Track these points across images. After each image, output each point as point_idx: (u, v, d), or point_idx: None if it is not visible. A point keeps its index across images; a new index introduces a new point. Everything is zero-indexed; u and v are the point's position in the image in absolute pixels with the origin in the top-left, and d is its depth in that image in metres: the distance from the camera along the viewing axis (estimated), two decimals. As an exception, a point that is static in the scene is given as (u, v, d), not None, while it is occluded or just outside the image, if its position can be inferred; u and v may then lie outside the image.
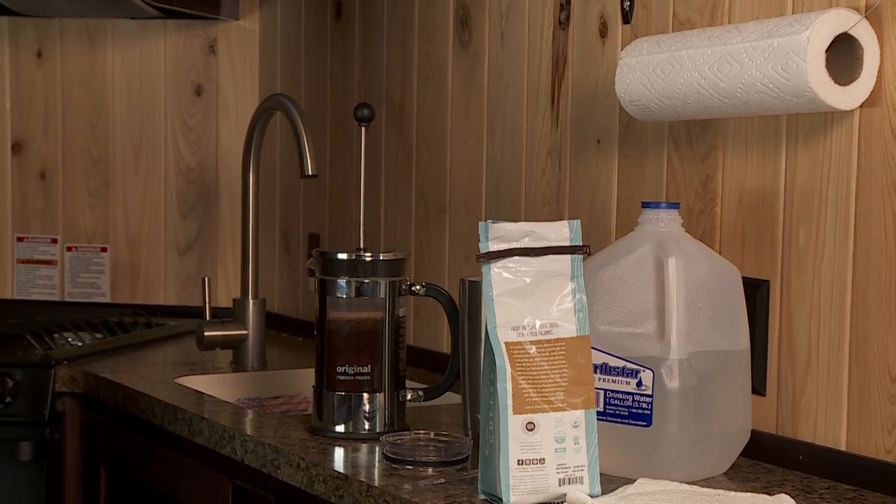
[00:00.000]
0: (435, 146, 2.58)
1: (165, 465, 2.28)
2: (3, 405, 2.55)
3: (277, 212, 3.14)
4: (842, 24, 1.67)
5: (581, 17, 2.20)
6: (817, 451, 1.77)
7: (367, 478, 1.74)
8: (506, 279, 1.61)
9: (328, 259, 2.01)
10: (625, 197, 2.11)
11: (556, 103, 2.26)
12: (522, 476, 1.58)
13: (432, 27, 2.58)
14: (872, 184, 1.71)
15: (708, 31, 1.82)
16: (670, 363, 1.68)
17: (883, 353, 1.69)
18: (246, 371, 2.62)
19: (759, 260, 1.87)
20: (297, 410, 2.32)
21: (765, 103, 1.73)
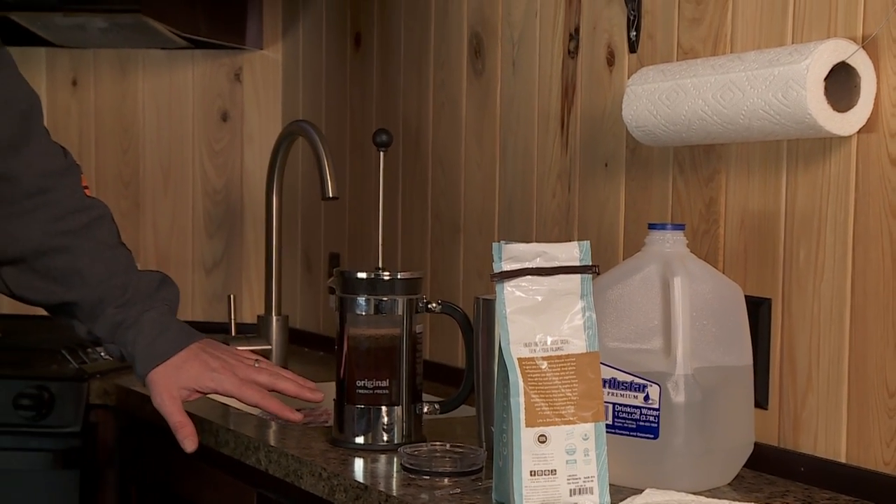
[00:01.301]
0: (449, 169, 2.58)
1: (193, 475, 2.28)
2: (39, 416, 2.55)
3: (299, 232, 3.14)
4: (840, 54, 1.67)
5: (589, 46, 2.20)
6: (818, 463, 1.76)
7: (385, 488, 1.74)
8: (518, 297, 1.61)
9: (348, 278, 2.01)
10: (632, 218, 2.11)
11: (566, 129, 2.25)
12: (535, 486, 1.58)
13: (447, 56, 2.58)
14: (870, 207, 1.70)
15: (711, 60, 1.83)
16: (676, 378, 1.68)
17: (881, 370, 1.68)
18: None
19: (760, 279, 1.86)
20: (319, 422, 2.32)
21: (766, 129, 1.73)
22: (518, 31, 2.37)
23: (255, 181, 3.21)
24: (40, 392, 2.55)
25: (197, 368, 1.93)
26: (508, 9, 2.40)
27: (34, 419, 2.55)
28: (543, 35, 2.31)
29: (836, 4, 1.74)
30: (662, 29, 2.04)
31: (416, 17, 2.68)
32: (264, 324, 2.69)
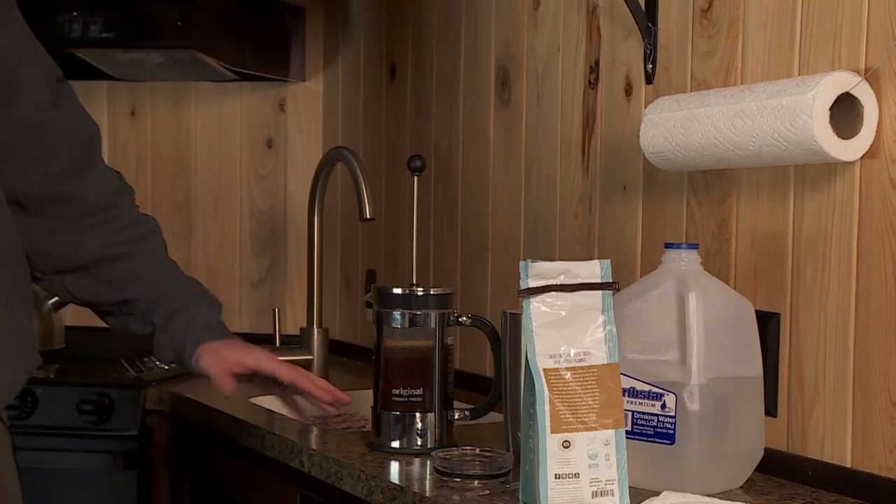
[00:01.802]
0: (478, 193, 2.58)
1: (241, 476, 2.29)
2: (100, 421, 2.56)
3: (338, 250, 3.15)
4: (844, 85, 1.67)
5: (608, 78, 2.20)
6: (825, 467, 1.76)
7: (419, 489, 1.74)
8: (544, 312, 1.61)
9: (385, 293, 2.01)
10: (648, 238, 2.11)
11: (587, 155, 2.25)
12: (559, 489, 1.57)
13: (476, 87, 2.58)
14: (873, 228, 1.70)
15: (723, 91, 1.82)
16: (691, 388, 1.68)
17: (884, 380, 1.68)
18: None
19: (770, 295, 1.85)
20: (357, 427, 2.32)
21: (774, 155, 1.73)
22: (542, 64, 2.37)
23: (298, 203, 3.22)
24: (101, 398, 2.56)
25: (241, 350, 1.98)
26: (533, 43, 2.40)
27: (96, 423, 2.56)
28: (566, 68, 2.31)
29: (840, 39, 1.74)
30: (677, 62, 2.03)
31: (448, 50, 2.69)
32: (306, 335, 2.69)
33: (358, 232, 3.06)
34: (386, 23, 2.95)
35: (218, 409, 2.34)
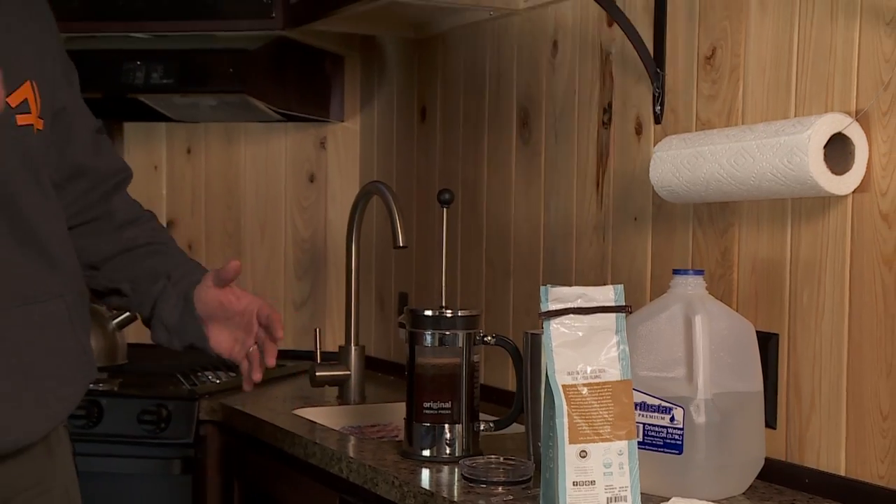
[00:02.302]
0: (501, 222, 2.58)
1: (286, 481, 2.29)
2: (158, 430, 2.56)
3: (374, 275, 3.15)
4: (836, 126, 1.67)
5: (620, 118, 2.20)
6: (821, 475, 1.75)
7: (448, 494, 1.74)
8: (562, 333, 1.61)
9: (416, 315, 2.02)
10: (658, 265, 2.10)
11: (601, 188, 2.25)
12: (577, 495, 1.57)
13: (499, 126, 2.58)
14: (864, 257, 1.70)
15: (725, 130, 1.83)
16: (697, 402, 1.68)
17: (875, 396, 1.67)
18: (349, 404, 2.61)
19: (769, 317, 1.85)
20: (391, 437, 2.31)
21: (773, 189, 1.73)
22: (559, 106, 2.38)
23: (337, 232, 3.23)
24: (159, 409, 2.57)
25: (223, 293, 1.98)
26: (551, 87, 2.40)
27: (154, 432, 2.56)
28: (581, 109, 2.31)
29: (833, 83, 1.75)
30: (683, 104, 2.04)
31: (473, 93, 2.69)
32: (344, 353, 2.69)
33: (391, 258, 3.06)
34: (417, 69, 2.96)
35: (264, 419, 2.35)
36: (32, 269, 1.66)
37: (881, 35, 1.67)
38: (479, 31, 2.65)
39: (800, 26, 1.80)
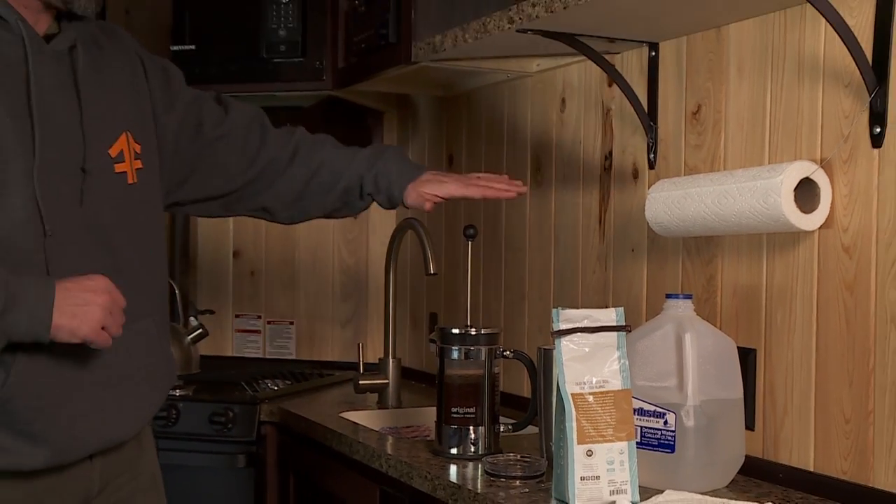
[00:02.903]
0: (517, 253, 2.58)
1: (334, 475, 2.29)
2: (225, 429, 2.57)
3: (408, 297, 3.15)
4: (805, 171, 1.67)
5: (620, 164, 2.20)
6: (793, 471, 1.75)
7: (473, 487, 1.74)
8: (571, 349, 1.62)
9: (445, 333, 2.01)
10: (652, 290, 2.10)
11: (603, 224, 2.25)
12: (584, 488, 1.58)
13: (515, 170, 2.58)
14: (829, 283, 1.70)
15: (710, 175, 1.83)
16: (687, 408, 1.68)
17: (839, 403, 1.67)
18: (387, 408, 2.60)
19: (748, 334, 1.85)
20: (423, 437, 2.31)
21: (751, 225, 1.73)
22: (567, 154, 2.38)
23: (377, 261, 3.23)
24: (226, 412, 2.58)
25: (433, 184, 1.98)
26: (560, 138, 2.41)
27: (222, 431, 2.57)
28: (586, 157, 2.31)
29: (801, 135, 1.75)
30: (673, 152, 2.04)
31: (493, 142, 2.69)
32: (383, 364, 2.69)
33: (423, 283, 3.06)
34: (445, 122, 2.96)
35: (315, 421, 2.35)
36: (129, 295, 1.66)
37: (840, 96, 1.67)
38: (498, 91, 2.66)
39: (771, 88, 1.81)
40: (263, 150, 1.98)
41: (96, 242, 1.63)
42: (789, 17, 1.77)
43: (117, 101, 1.71)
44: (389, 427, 2.44)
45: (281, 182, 2.00)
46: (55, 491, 1.62)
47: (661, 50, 2.05)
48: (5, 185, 1.52)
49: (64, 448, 1.60)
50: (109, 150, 1.66)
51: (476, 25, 2.07)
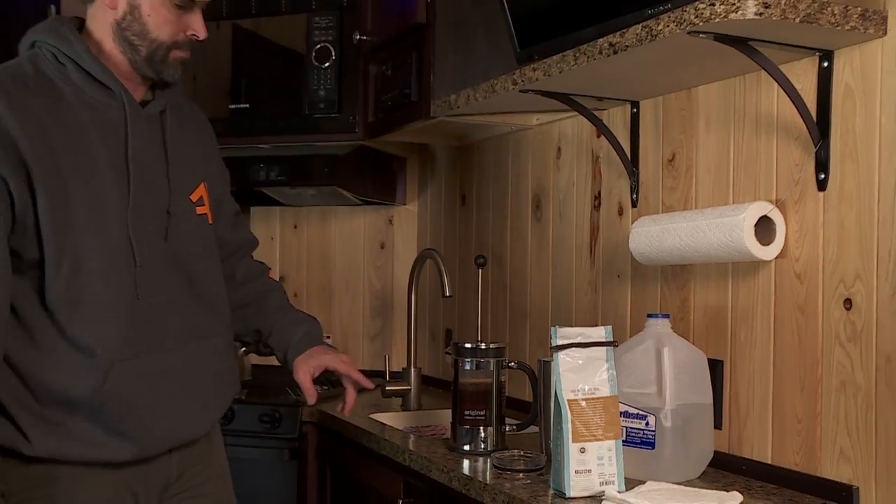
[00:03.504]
0: (520, 279, 2.57)
1: (364, 467, 2.28)
2: (273, 428, 2.56)
3: (427, 316, 3.15)
4: (763, 210, 1.68)
5: (607, 203, 2.20)
6: (754, 463, 1.74)
7: (483, 479, 1.73)
8: (567, 361, 1.61)
9: (459, 347, 2.01)
10: (635, 311, 2.09)
11: (593, 254, 2.25)
12: (578, 479, 1.57)
13: (518, 209, 2.59)
14: (784, 305, 1.70)
15: (683, 213, 1.83)
16: (665, 411, 1.67)
17: (792, 406, 1.67)
18: (410, 411, 2.60)
19: (717, 348, 1.84)
20: (440, 435, 2.30)
21: (719, 256, 1.73)
22: (563, 193, 2.38)
23: (401, 285, 3.23)
24: (274, 413, 2.57)
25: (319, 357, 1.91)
26: (556, 180, 2.40)
27: (270, 429, 2.57)
28: (578, 197, 2.31)
29: (759, 180, 1.75)
30: (652, 193, 2.04)
31: (500, 184, 2.69)
32: (406, 372, 2.68)
33: (440, 304, 3.06)
34: (459, 167, 2.96)
35: (348, 421, 2.34)
36: (203, 316, 1.70)
37: (791, 147, 1.68)
38: (503, 141, 2.66)
39: (734, 140, 1.81)
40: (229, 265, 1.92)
41: (178, 272, 1.66)
42: (748, 82, 1.78)
43: (196, 156, 1.75)
44: (411, 426, 2.44)
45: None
46: (141, 478, 1.64)
47: (641, 107, 2.06)
48: (105, 224, 1.56)
49: (147, 444, 1.62)
50: (191, 196, 1.70)
51: (485, 86, 2.08)
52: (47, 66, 1.58)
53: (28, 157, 1.49)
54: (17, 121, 1.50)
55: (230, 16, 2.84)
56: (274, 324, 1.93)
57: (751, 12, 1.43)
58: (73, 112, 1.56)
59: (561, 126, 2.38)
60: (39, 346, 1.53)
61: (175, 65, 1.65)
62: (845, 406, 1.58)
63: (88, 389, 1.54)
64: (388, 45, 2.59)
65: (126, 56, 1.62)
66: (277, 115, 2.78)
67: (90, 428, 1.56)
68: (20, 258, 1.52)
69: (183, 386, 1.66)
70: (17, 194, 1.49)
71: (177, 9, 1.60)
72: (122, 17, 1.59)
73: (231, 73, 2.86)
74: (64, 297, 1.53)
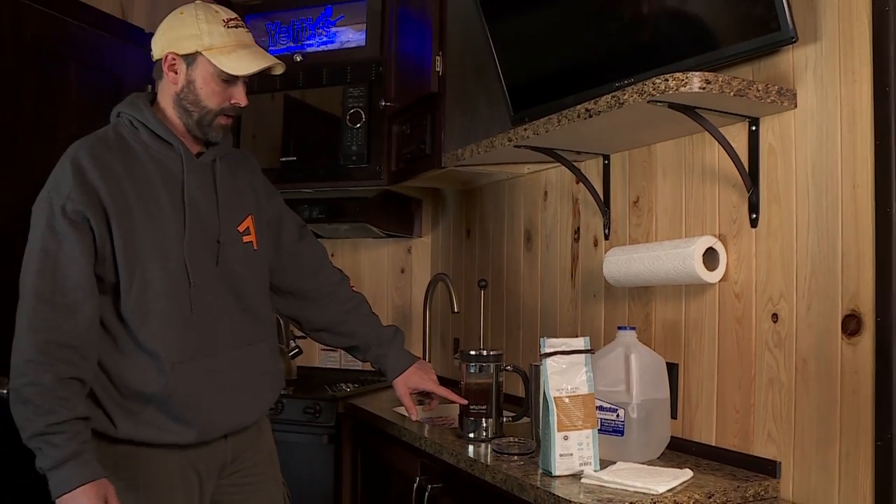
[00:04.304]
0: (514, 297, 2.56)
1: (388, 450, 2.27)
2: (315, 417, 2.54)
3: (439, 328, 3.13)
4: (709, 243, 1.69)
5: (585, 236, 2.20)
6: (702, 446, 1.74)
7: (484, 461, 1.73)
8: (553, 366, 1.62)
9: (465, 353, 2.00)
10: (608, 323, 2.09)
11: (574, 278, 2.25)
12: (562, 461, 1.57)
13: (512, 241, 2.58)
14: (725, 319, 1.70)
15: (646, 244, 1.83)
16: (632, 405, 1.67)
17: (732, 400, 1.67)
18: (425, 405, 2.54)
19: (673, 354, 1.84)
20: (450, 425, 2.28)
21: (675, 279, 1.73)
22: (549, 228, 2.37)
23: (418, 302, 3.20)
24: (315, 405, 2.55)
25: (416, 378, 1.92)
26: (544, 218, 2.40)
27: (312, 419, 2.55)
28: (562, 231, 2.31)
29: (706, 218, 1.76)
30: (621, 228, 2.04)
31: (498, 221, 2.68)
32: (423, 373, 2.67)
33: (450, 318, 3.05)
34: (464, 207, 2.95)
35: (376, 413, 2.32)
36: (250, 325, 1.72)
37: (729, 192, 1.70)
38: (501, 186, 2.65)
39: (685, 186, 1.82)
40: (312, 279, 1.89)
41: (227, 290, 1.68)
42: (695, 140, 1.80)
43: (244, 194, 1.77)
44: (427, 418, 2.41)
45: (312, 311, 1.91)
46: (202, 458, 1.66)
47: (611, 159, 2.07)
48: (166, 253, 1.60)
49: (206, 430, 1.64)
50: (238, 227, 1.72)
51: (486, 142, 2.09)
52: (125, 130, 1.65)
53: (106, 201, 1.55)
54: (98, 172, 1.56)
55: (282, 88, 2.86)
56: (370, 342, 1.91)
57: (696, 87, 1.47)
58: (142, 164, 1.62)
59: (547, 174, 2.39)
60: (121, 351, 1.58)
61: (219, 129, 1.68)
62: (772, 399, 1.59)
63: (157, 386, 1.58)
64: (407, 110, 2.60)
65: (182, 120, 1.67)
66: (318, 165, 2.78)
67: (160, 416, 1.59)
68: (103, 281, 1.56)
69: (233, 383, 1.67)
70: (97, 230, 1.55)
71: (223, 83, 1.64)
72: (180, 89, 1.65)
73: (282, 132, 2.87)
74: (135, 313, 1.57)
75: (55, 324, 1.49)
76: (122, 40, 2.54)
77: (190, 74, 1.63)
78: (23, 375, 1.48)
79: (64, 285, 1.51)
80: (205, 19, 1.63)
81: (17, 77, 2.21)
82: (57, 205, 1.53)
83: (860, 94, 1.45)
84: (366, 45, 2.77)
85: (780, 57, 1.58)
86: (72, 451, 1.47)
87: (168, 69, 1.64)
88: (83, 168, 1.55)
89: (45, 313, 1.50)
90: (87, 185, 1.54)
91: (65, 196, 1.53)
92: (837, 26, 1.49)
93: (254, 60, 1.64)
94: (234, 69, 1.62)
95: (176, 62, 1.63)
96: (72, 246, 1.52)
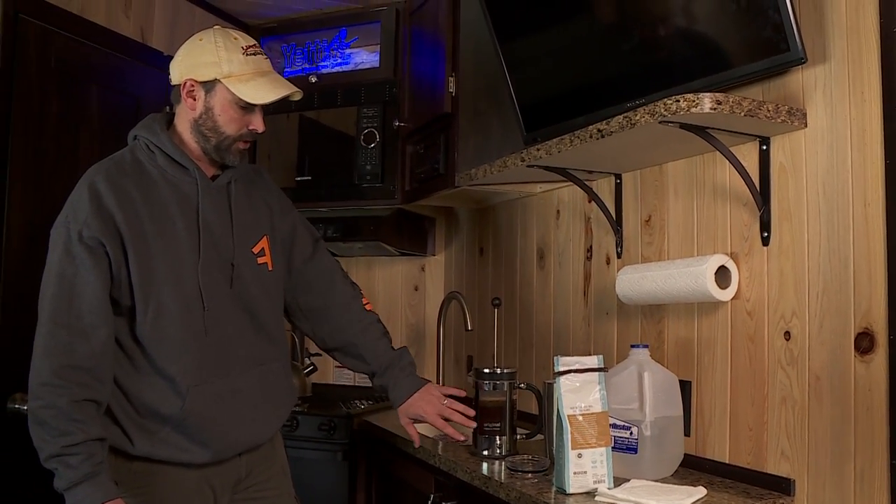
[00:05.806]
0: (528, 315, 2.55)
1: (403, 467, 2.26)
2: (330, 434, 2.54)
3: (452, 345, 3.12)
4: (721, 261, 1.69)
5: (598, 255, 2.20)
6: (715, 463, 1.74)
7: (498, 478, 1.73)
8: (567, 384, 1.62)
9: (479, 371, 2.00)
10: (621, 342, 2.08)
11: (587, 296, 2.24)
12: (576, 479, 1.57)
13: (525, 259, 2.58)
14: (738, 336, 1.70)
15: (659, 263, 1.83)
16: (646, 423, 1.67)
17: (746, 418, 1.67)
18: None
19: (686, 372, 1.84)
20: (464, 442, 2.27)
21: (687, 297, 1.73)
22: (561, 247, 2.37)
23: (431, 320, 3.20)
24: (330, 422, 2.55)
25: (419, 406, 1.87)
26: (556, 237, 2.40)
27: (327, 436, 2.55)
28: (574, 249, 2.31)
29: (718, 237, 1.76)
30: (633, 247, 2.04)
31: (510, 240, 2.68)
32: (437, 391, 2.66)
33: (463, 336, 3.04)
34: (478, 225, 2.95)
35: (389, 430, 2.33)
36: (264, 346, 1.72)
37: (741, 211, 1.70)
38: (513, 205, 2.65)
39: (697, 205, 1.83)
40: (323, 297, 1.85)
41: (242, 311, 1.69)
42: (706, 160, 1.81)
43: (258, 217, 1.78)
44: (441, 435, 2.42)
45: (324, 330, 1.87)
46: (217, 475, 1.67)
47: (623, 178, 2.07)
48: (180, 276, 1.61)
49: (221, 449, 1.65)
50: (252, 249, 1.73)
51: (499, 162, 2.09)
52: (141, 153, 1.66)
53: (121, 226, 1.57)
54: (114, 197, 1.57)
55: (298, 109, 2.88)
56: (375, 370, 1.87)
57: (707, 107, 1.48)
58: (157, 188, 1.63)
59: (560, 193, 2.39)
60: (138, 371, 1.59)
61: (236, 153, 1.68)
62: (785, 416, 1.59)
63: (173, 408, 1.59)
64: (421, 130, 2.61)
65: (199, 144, 1.68)
66: (333, 184, 2.79)
67: (176, 436, 1.60)
68: (119, 305, 1.57)
69: (247, 403, 1.68)
70: (112, 255, 1.56)
71: (241, 110, 1.65)
72: (199, 115, 1.66)
73: (298, 152, 2.88)
74: (151, 336, 1.58)
75: (71, 347, 1.50)
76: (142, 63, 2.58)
77: (208, 101, 1.64)
78: (39, 398, 1.49)
79: (80, 309, 1.52)
80: (224, 47, 1.63)
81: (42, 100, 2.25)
82: (74, 230, 1.54)
83: (870, 114, 1.46)
84: (380, 66, 2.79)
85: (789, 77, 1.59)
86: (86, 472, 1.48)
87: (186, 95, 1.65)
88: (100, 194, 1.56)
89: (61, 337, 1.50)
90: (103, 211, 1.55)
91: (82, 222, 1.54)
92: (846, 47, 1.50)
93: (272, 89, 1.63)
94: (253, 98, 1.63)
95: (195, 88, 1.64)
96: (88, 271, 1.53)
